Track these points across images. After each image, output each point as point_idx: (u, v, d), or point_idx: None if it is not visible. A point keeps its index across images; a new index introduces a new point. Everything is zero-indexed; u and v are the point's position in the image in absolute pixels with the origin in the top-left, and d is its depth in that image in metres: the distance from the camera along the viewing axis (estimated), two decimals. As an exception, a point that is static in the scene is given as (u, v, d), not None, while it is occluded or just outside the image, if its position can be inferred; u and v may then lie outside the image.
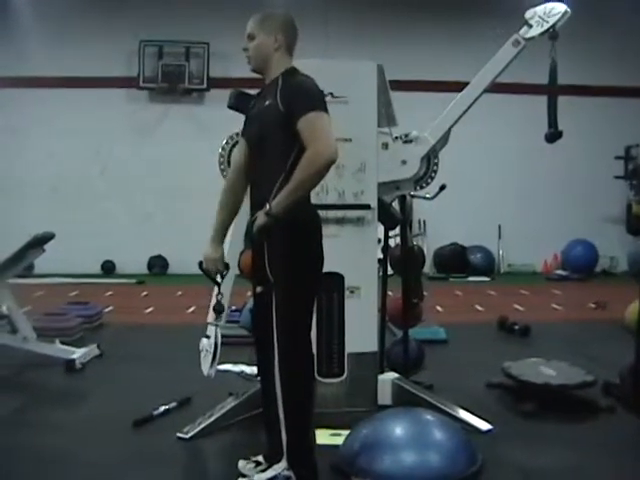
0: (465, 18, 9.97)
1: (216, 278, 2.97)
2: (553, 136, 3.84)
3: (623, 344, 4.35)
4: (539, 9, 3.74)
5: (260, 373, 2.91)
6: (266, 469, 2.80)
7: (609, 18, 9.93)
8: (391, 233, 4.05)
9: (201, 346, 3.56)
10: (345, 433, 3.12)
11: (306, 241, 2.71)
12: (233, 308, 5.34)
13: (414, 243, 4.48)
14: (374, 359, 3.70)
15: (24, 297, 5.64)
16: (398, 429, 2.95)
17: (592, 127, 10.01)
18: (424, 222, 10.28)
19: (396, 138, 3.80)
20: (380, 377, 3.72)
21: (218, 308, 3.24)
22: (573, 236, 10.19)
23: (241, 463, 2.93)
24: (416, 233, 9.33)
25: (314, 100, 2.63)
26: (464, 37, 9.86)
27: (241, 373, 4.38)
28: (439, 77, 9.64)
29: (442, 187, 4.07)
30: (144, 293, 8.60)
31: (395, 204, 3.93)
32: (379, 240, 3.89)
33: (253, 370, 3.90)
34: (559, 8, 3.72)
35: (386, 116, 3.80)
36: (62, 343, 4.88)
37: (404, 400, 3.61)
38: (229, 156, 3.87)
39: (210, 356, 3.52)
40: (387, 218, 3.80)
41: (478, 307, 7.47)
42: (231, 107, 3.51)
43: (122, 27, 9.94)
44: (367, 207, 3.58)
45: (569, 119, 3.95)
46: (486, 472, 2.93)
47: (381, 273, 4.01)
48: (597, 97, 10.33)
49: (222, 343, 3.57)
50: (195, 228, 3.14)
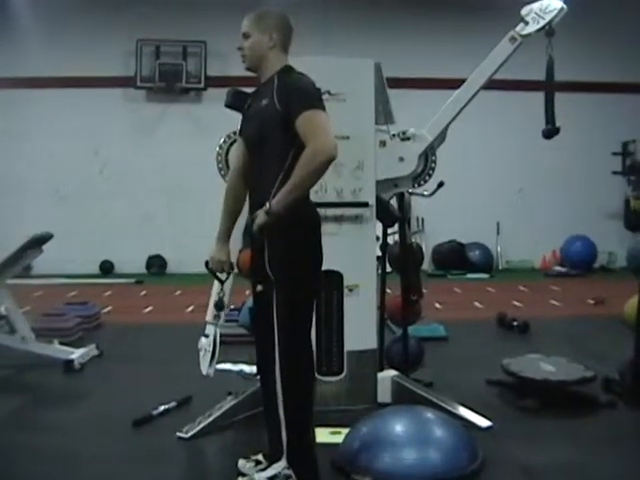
0: (463, 15, 9.96)
1: (222, 278, 2.99)
2: (550, 132, 3.85)
3: (622, 339, 4.36)
4: (535, 6, 3.75)
5: (260, 372, 2.91)
6: (266, 468, 2.79)
7: (606, 14, 9.93)
8: (389, 230, 4.05)
9: (200, 345, 3.56)
10: (345, 431, 3.13)
11: (306, 239, 2.71)
12: (232, 307, 5.33)
13: (412, 240, 4.48)
14: (373, 357, 3.70)
15: (23, 297, 5.63)
16: (398, 427, 2.95)
17: (589, 123, 10.01)
18: (422, 219, 10.28)
19: (394, 136, 3.80)
20: (380, 375, 3.72)
21: (220, 305, 3.25)
22: (571, 232, 10.19)
23: (241, 462, 2.93)
24: (414, 230, 9.33)
25: (311, 98, 2.62)
26: (461, 34, 9.85)
27: (240, 372, 4.38)
28: (437, 74, 9.64)
29: (440, 184, 4.06)
30: (143, 293, 8.60)
31: (393, 201, 3.93)
32: (378, 238, 3.89)
33: (252, 369, 3.90)
34: (555, 5, 3.73)
35: (384, 114, 3.80)
36: (61, 343, 4.88)
37: (404, 398, 3.61)
38: (227, 155, 3.87)
39: (209, 355, 3.53)
40: (385, 215, 3.80)
41: (477, 304, 7.47)
42: (228, 106, 3.51)
43: (119, 26, 9.92)
44: (365, 205, 3.57)
45: (566, 115, 3.94)
46: (486, 469, 2.93)
47: (380, 271, 4.01)
48: (594, 93, 10.33)
49: (221, 342, 3.58)
50: (194, 227, 3.15)
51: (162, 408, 3.71)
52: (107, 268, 10.28)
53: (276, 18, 2.79)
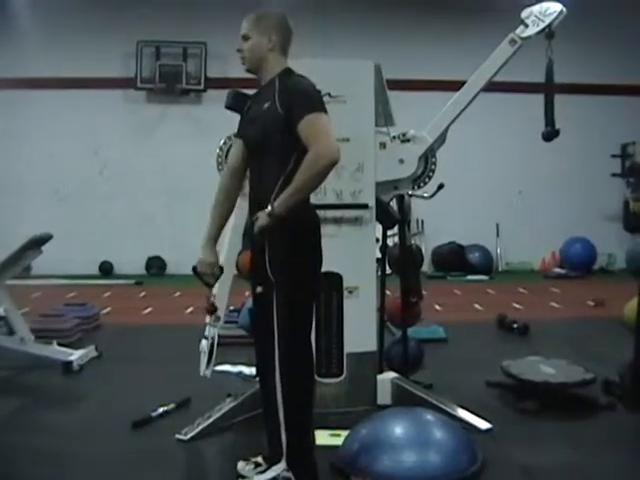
0: (462, 17, 9.97)
1: (211, 282, 2.96)
2: (550, 134, 3.84)
3: (622, 341, 4.36)
4: (535, 8, 3.75)
5: (260, 373, 2.90)
6: (265, 470, 2.79)
7: (605, 17, 9.94)
8: (389, 232, 4.04)
9: (201, 347, 3.56)
10: (344, 433, 3.12)
11: (306, 241, 2.71)
12: (231, 308, 5.33)
13: (412, 242, 4.48)
14: (373, 359, 3.70)
15: (22, 298, 5.63)
16: (398, 429, 2.94)
17: (589, 125, 10.01)
18: (422, 221, 10.28)
19: (394, 137, 3.79)
20: (379, 377, 3.72)
21: (212, 309, 3.24)
22: (571, 234, 10.20)
23: (240, 464, 2.93)
24: (414, 232, 9.34)
25: (313, 101, 2.62)
26: (461, 36, 9.85)
27: (239, 374, 4.39)
28: (437, 76, 9.65)
29: (440, 186, 4.05)
30: (142, 294, 8.59)
31: (393, 203, 3.93)
32: (377, 240, 3.89)
33: (251, 371, 3.91)
34: (555, 7, 3.73)
35: (384, 115, 3.80)
36: (60, 344, 4.87)
37: (404, 400, 3.61)
38: (227, 156, 3.86)
39: (206, 356, 3.53)
40: (385, 217, 3.80)
41: (477, 306, 7.46)
42: (229, 107, 3.50)
43: (119, 28, 9.93)
44: (365, 207, 3.57)
45: (566, 117, 3.94)
46: (486, 471, 2.93)
47: (380, 272, 4.01)
48: (594, 95, 10.34)
49: (220, 344, 3.58)
50: (193, 229, 3.14)
51: (161, 410, 3.70)
52: (106, 269, 10.28)
53: (275, 20, 2.78)
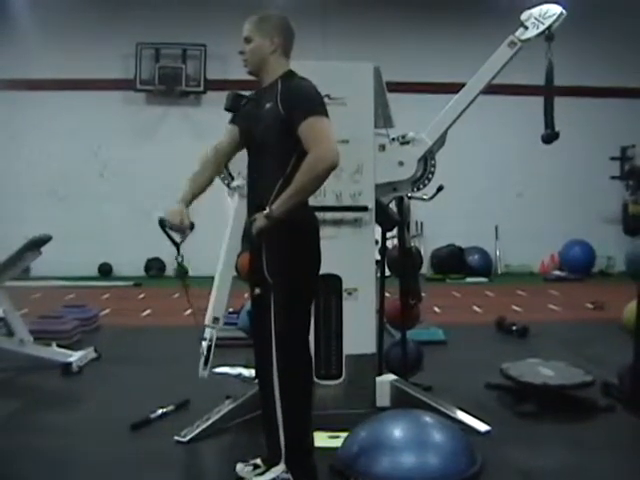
0: (462, 20, 9.99)
1: (178, 237, 2.81)
2: (550, 137, 3.84)
3: (621, 344, 4.36)
4: (535, 11, 3.74)
5: (258, 375, 2.90)
6: (264, 472, 2.79)
7: (605, 19, 9.95)
8: (388, 234, 4.04)
9: (201, 349, 3.57)
10: (344, 435, 3.12)
11: (304, 243, 2.71)
12: (231, 310, 5.32)
13: (411, 244, 4.47)
14: (372, 361, 3.69)
15: (21, 300, 5.62)
16: (397, 431, 2.94)
17: (588, 128, 10.02)
18: (421, 223, 10.29)
19: (393, 139, 3.79)
20: (378, 379, 3.71)
21: (179, 272, 3.02)
22: (570, 236, 10.20)
23: (239, 466, 2.92)
24: (413, 234, 9.34)
25: (315, 104, 2.63)
26: (461, 39, 9.86)
27: (239, 376, 4.38)
28: (436, 79, 9.66)
29: (439, 188, 4.06)
30: (141, 295, 8.59)
31: (392, 205, 3.93)
32: (376, 241, 3.89)
33: (251, 373, 3.90)
34: (555, 10, 3.72)
35: (383, 117, 3.80)
36: (59, 346, 4.87)
37: (403, 402, 3.61)
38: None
39: (203, 357, 3.53)
40: (384, 219, 3.80)
41: (476, 308, 7.46)
42: (228, 109, 3.49)
43: (119, 30, 9.93)
44: (364, 209, 3.57)
45: (565, 120, 3.95)
46: (485, 473, 2.92)
47: (379, 274, 4.01)
48: (593, 98, 10.35)
49: (220, 345, 3.58)
50: (193, 230, 3.12)
51: (160, 411, 3.70)
52: (106, 270, 10.28)
53: (277, 22, 2.79)
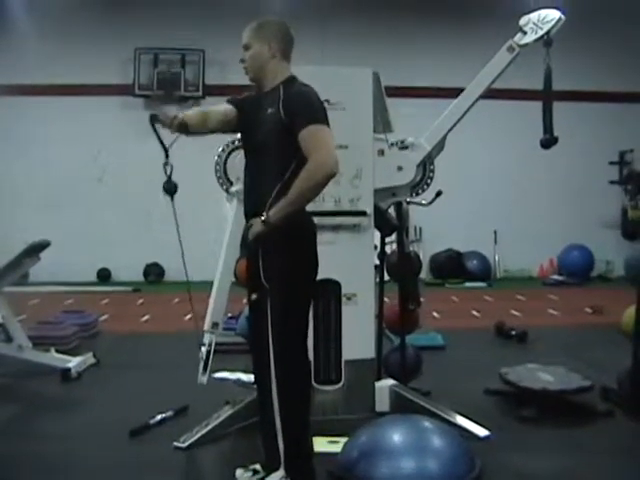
0: (461, 25, 10.00)
1: (169, 130, 2.76)
2: (549, 142, 3.85)
3: (620, 349, 4.35)
4: (533, 16, 3.75)
5: (256, 381, 2.90)
6: (264, 477, 2.79)
7: (604, 24, 9.97)
8: (387, 239, 4.04)
9: (200, 355, 3.56)
10: (343, 440, 3.11)
11: (301, 248, 2.71)
12: (229, 316, 5.32)
13: (410, 249, 4.48)
14: (371, 366, 3.69)
15: (19, 305, 5.62)
16: (396, 436, 2.94)
17: (587, 132, 10.03)
18: (420, 228, 10.28)
19: (392, 145, 3.80)
20: (378, 384, 3.71)
21: (168, 187, 2.92)
22: (569, 241, 10.20)
23: (239, 472, 2.92)
24: (412, 239, 9.34)
25: (316, 112, 2.64)
26: (460, 44, 9.87)
27: (237, 381, 4.37)
28: (435, 84, 9.67)
29: (438, 193, 4.07)
30: (140, 301, 8.58)
31: (391, 210, 3.93)
32: (375, 246, 3.89)
33: (250, 378, 3.89)
34: (553, 15, 3.74)
35: (382, 122, 3.81)
36: (58, 352, 4.86)
37: (402, 407, 3.61)
38: (225, 163, 3.87)
39: (202, 363, 3.52)
40: (383, 224, 3.80)
41: (475, 313, 7.46)
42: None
43: (117, 35, 9.93)
44: (363, 214, 3.57)
45: (564, 125, 3.95)
46: (484, 478, 2.92)
47: (378, 279, 4.00)
48: (592, 102, 10.36)
49: (219, 351, 3.58)
50: (191, 236, 3.12)
51: (159, 417, 3.70)
52: (104, 276, 10.26)
53: (275, 27, 2.79)
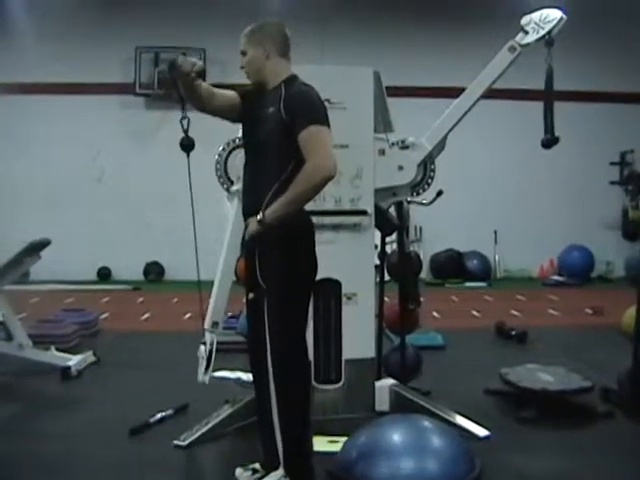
0: (462, 24, 9.98)
1: (188, 80, 2.64)
2: (550, 142, 3.84)
3: (620, 349, 4.35)
4: (535, 16, 3.75)
5: (255, 380, 2.90)
6: (263, 477, 2.79)
7: (605, 24, 9.95)
8: (388, 239, 4.04)
9: (199, 353, 3.56)
10: (343, 440, 3.11)
11: (298, 247, 2.71)
12: (230, 314, 5.32)
13: (411, 249, 4.48)
14: (371, 365, 3.69)
15: (20, 304, 5.62)
16: (396, 436, 2.94)
17: (588, 133, 10.02)
18: (421, 228, 10.28)
19: (393, 144, 3.79)
20: (377, 383, 3.71)
21: (185, 142, 2.91)
22: (569, 241, 10.19)
23: (238, 471, 2.92)
24: (413, 239, 9.34)
25: (318, 112, 2.63)
26: (461, 43, 9.86)
27: (238, 380, 4.37)
28: (436, 83, 9.66)
29: (439, 193, 4.06)
30: (140, 300, 8.58)
31: (392, 210, 3.93)
32: (376, 246, 3.88)
33: (249, 377, 3.89)
34: (555, 15, 3.73)
35: (383, 122, 3.80)
36: (58, 350, 4.86)
37: (402, 406, 3.61)
38: (225, 162, 3.87)
39: (204, 362, 3.52)
40: (384, 224, 3.80)
41: (475, 313, 7.46)
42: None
43: (118, 34, 9.92)
44: (364, 213, 3.57)
45: (565, 125, 3.95)
46: (484, 478, 2.92)
47: (378, 279, 4.00)
48: (593, 103, 10.35)
49: (219, 350, 3.58)
50: (191, 234, 3.12)
51: (159, 416, 3.70)
52: (105, 275, 10.26)
53: (267, 29, 2.80)
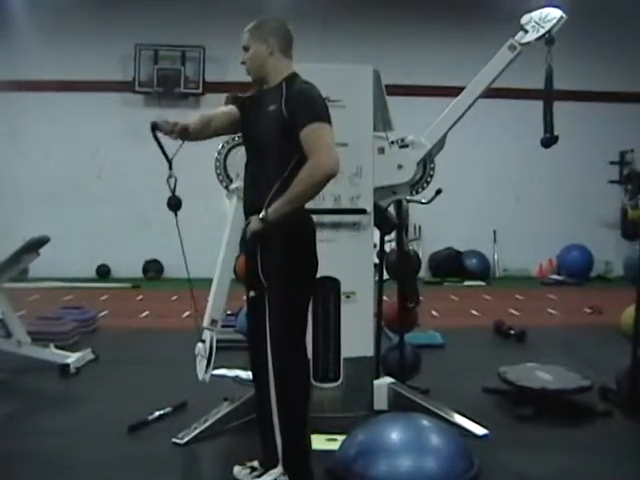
0: (462, 23, 9.98)
1: (168, 137, 2.71)
2: (549, 141, 3.84)
3: (619, 349, 4.35)
4: (535, 14, 3.74)
5: (254, 378, 2.90)
6: (261, 475, 2.79)
7: (605, 24, 9.96)
8: (387, 238, 4.04)
9: (197, 351, 3.56)
10: (341, 438, 3.12)
11: (299, 245, 2.70)
12: (229, 312, 5.32)
13: (410, 248, 4.47)
14: (370, 364, 3.69)
15: (19, 301, 5.61)
16: (394, 434, 2.94)
17: (587, 132, 10.02)
18: (420, 227, 10.28)
19: (392, 142, 3.79)
20: (376, 382, 3.71)
21: (172, 202, 2.85)
22: (568, 241, 10.20)
23: (236, 469, 2.92)
24: (412, 238, 9.34)
25: (319, 111, 2.63)
26: (461, 42, 9.86)
27: (236, 378, 4.38)
28: (436, 82, 9.65)
29: (438, 192, 4.06)
30: (139, 297, 8.58)
31: (391, 209, 3.93)
32: (375, 245, 3.88)
33: (248, 375, 3.89)
34: (555, 13, 3.73)
35: (382, 120, 3.80)
36: (57, 347, 4.86)
37: (400, 405, 3.61)
38: (225, 160, 3.87)
39: (204, 361, 3.52)
40: (383, 223, 3.80)
41: (474, 312, 7.46)
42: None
43: (118, 31, 9.92)
44: (363, 212, 3.57)
45: (565, 124, 3.95)
46: (483, 477, 2.92)
47: (377, 278, 4.00)
48: (593, 102, 10.35)
49: (218, 348, 3.58)
50: (190, 232, 3.12)
51: (157, 413, 3.70)
52: (104, 272, 10.25)
53: (271, 25, 2.79)
